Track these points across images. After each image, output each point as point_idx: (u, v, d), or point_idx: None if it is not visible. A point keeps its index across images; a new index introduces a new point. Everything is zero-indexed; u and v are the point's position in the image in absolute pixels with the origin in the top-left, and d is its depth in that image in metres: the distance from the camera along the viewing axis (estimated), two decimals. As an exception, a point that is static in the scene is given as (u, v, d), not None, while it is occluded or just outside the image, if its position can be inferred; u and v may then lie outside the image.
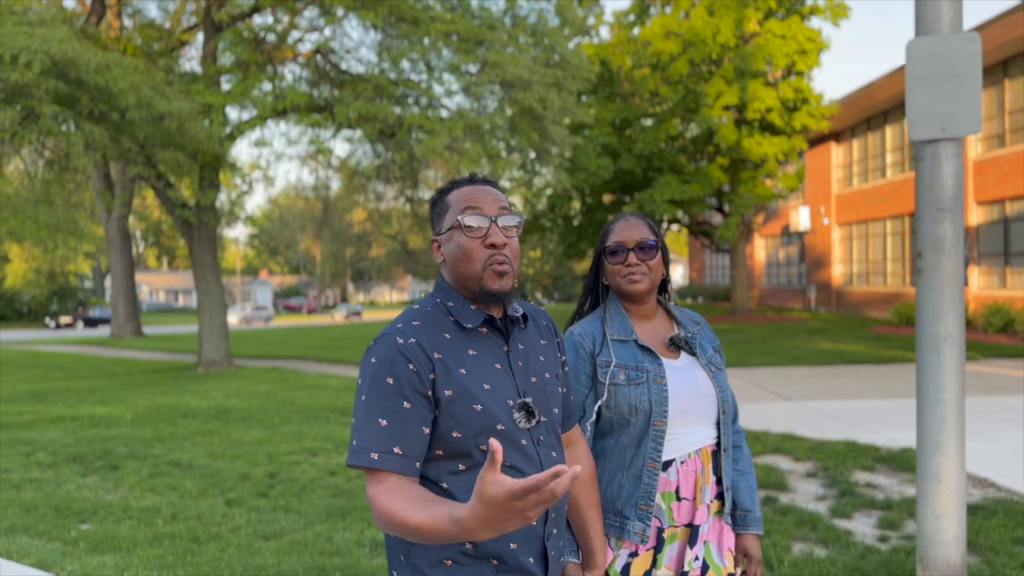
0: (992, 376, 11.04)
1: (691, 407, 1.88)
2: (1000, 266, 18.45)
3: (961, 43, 3.57)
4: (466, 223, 1.47)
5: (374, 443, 1.38)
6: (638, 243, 1.93)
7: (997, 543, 4.33)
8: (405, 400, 1.40)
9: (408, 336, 1.44)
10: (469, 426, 1.42)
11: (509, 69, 10.66)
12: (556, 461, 1.53)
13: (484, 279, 1.47)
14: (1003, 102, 18.43)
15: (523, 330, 1.59)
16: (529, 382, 1.53)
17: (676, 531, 1.88)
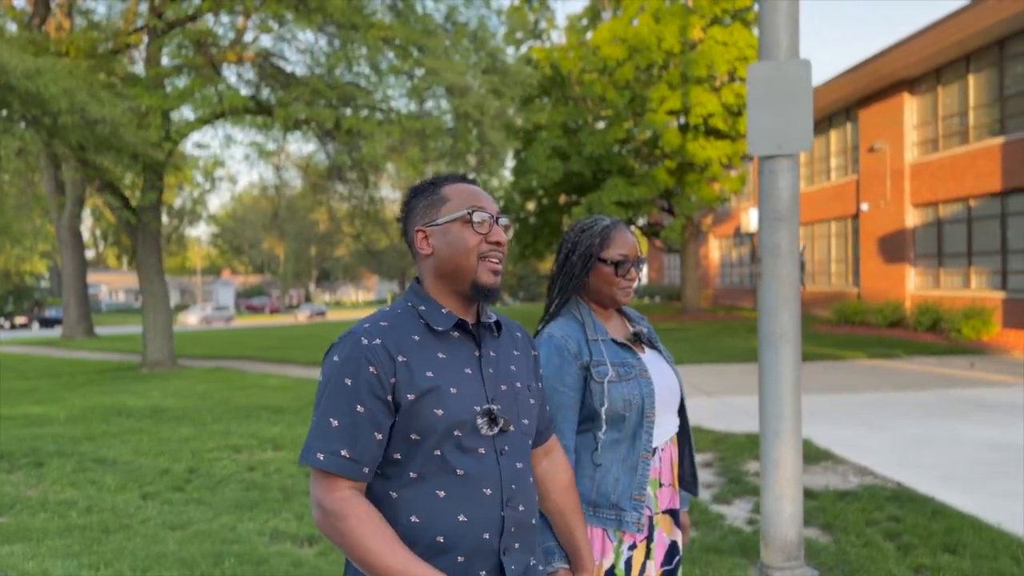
0: (908, 373, 11.56)
1: (665, 397, 1.97)
2: (934, 267, 19.13)
3: (795, 68, 3.92)
4: (476, 218, 1.49)
5: (322, 443, 1.38)
6: (637, 257, 2.00)
7: (851, 524, 4.71)
8: (359, 404, 1.39)
9: (373, 337, 1.44)
10: (428, 430, 1.42)
11: (446, 75, 10.95)
12: (520, 473, 1.51)
13: (479, 272, 1.49)
14: (936, 108, 19.10)
15: (496, 338, 1.59)
16: (499, 389, 1.52)
17: (660, 517, 1.96)
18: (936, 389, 9.93)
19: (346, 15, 10.52)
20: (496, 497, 1.45)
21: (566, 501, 1.72)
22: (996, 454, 6.51)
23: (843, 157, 23.66)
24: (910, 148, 19.98)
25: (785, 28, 3.99)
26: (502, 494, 1.46)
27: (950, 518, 4.76)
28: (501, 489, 1.46)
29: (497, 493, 1.45)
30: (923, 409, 8.61)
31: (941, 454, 6.58)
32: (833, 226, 24.35)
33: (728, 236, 33.30)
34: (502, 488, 1.46)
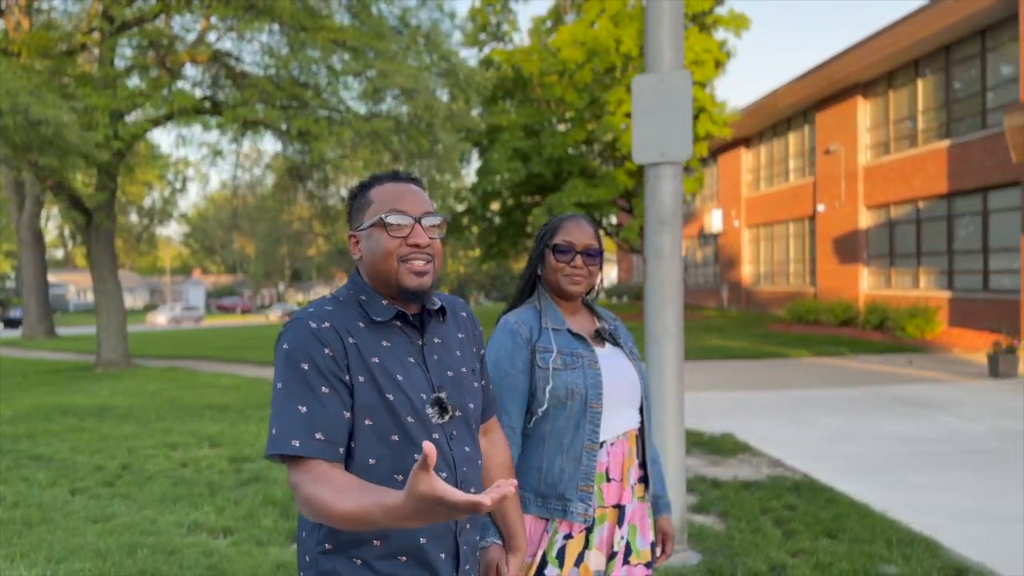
0: (847, 370, 11.90)
1: (619, 392, 1.97)
2: (886, 267, 19.58)
3: (676, 80, 4.16)
4: (389, 221, 1.46)
5: (295, 430, 1.35)
6: (586, 247, 2.00)
7: (747, 512, 4.95)
8: (323, 385, 1.38)
9: (322, 320, 1.43)
10: (380, 415, 1.41)
11: (395, 78, 11.10)
12: (469, 456, 1.53)
13: (401, 276, 1.46)
14: (888, 112, 19.55)
15: (441, 323, 1.58)
16: (445, 376, 1.52)
17: (606, 511, 1.95)
18: (869, 386, 10.26)
19: (295, 17, 10.65)
20: (450, 480, 1.45)
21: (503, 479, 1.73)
22: (906, 447, 6.81)
23: (801, 159, 24.10)
24: (863, 151, 20.43)
25: (668, 42, 4.22)
26: (456, 477, 1.47)
27: (841, 506, 5.01)
28: (455, 472, 1.47)
29: (451, 476, 1.46)
30: (851, 405, 8.91)
31: (855, 447, 6.86)
32: (791, 227, 24.79)
33: (692, 237, 33.71)
34: (456, 471, 1.47)
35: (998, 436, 7.12)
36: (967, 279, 16.61)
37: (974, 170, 16.02)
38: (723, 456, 6.64)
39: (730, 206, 28.90)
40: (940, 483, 5.61)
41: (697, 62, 19.52)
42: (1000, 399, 9.01)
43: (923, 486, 5.56)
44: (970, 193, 16.47)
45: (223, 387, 11.46)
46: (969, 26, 16.01)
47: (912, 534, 4.46)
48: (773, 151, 26.02)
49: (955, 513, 4.92)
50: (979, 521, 4.75)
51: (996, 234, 15.67)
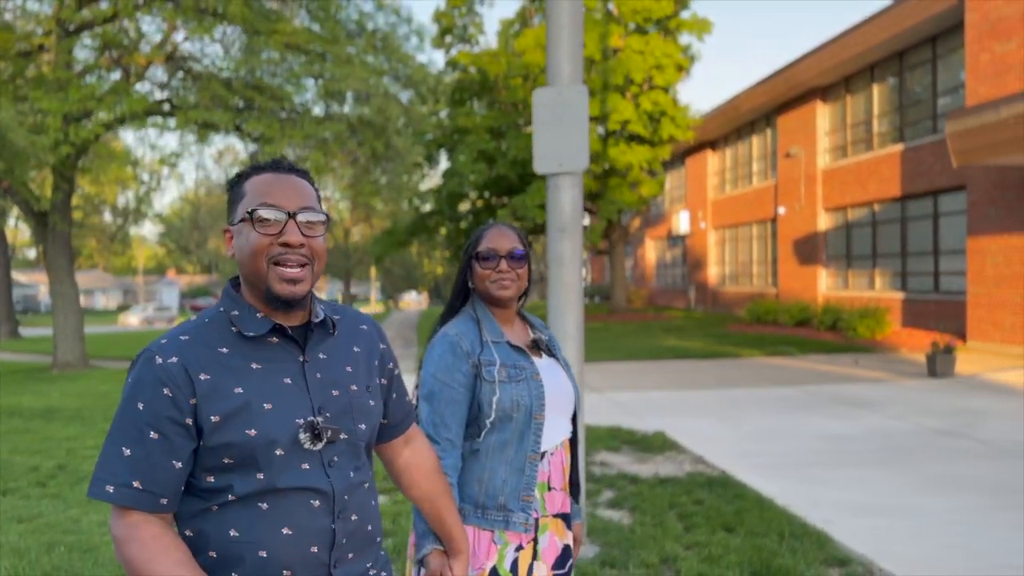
0: (792, 369, 12.17)
1: (557, 403, 2.01)
2: (844, 269, 19.95)
3: (574, 94, 4.34)
4: (259, 216, 1.33)
5: (112, 475, 1.27)
6: (509, 251, 2.01)
7: (656, 507, 5.13)
8: (152, 430, 1.28)
9: (169, 355, 1.31)
10: (240, 454, 1.30)
11: (348, 82, 11.23)
12: (353, 483, 1.42)
13: (270, 280, 1.33)
14: (845, 116, 19.92)
15: (328, 337, 1.45)
16: (328, 396, 1.39)
17: (548, 520, 1.98)
18: (808, 385, 10.52)
19: (248, 20, 10.74)
20: (326, 509, 1.36)
21: (432, 486, 1.68)
22: (827, 445, 7.04)
23: (763, 162, 24.46)
24: (822, 154, 20.80)
25: (567, 58, 4.40)
26: (333, 505, 1.37)
27: (746, 501, 5.21)
28: (333, 501, 1.37)
29: (327, 505, 1.37)
30: (785, 403, 9.15)
31: (778, 445, 7.09)
32: (754, 229, 25.15)
33: (662, 238, 34.05)
34: (334, 500, 1.37)
35: (917, 434, 7.38)
36: (919, 281, 16.99)
37: (925, 174, 16.39)
38: (650, 454, 6.83)
39: (697, 208, 29.25)
40: (848, 479, 5.84)
41: (658, 67, 19.80)
42: (930, 398, 9.29)
43: (831, 482, 5.78)
44: (922, 196, 16.85)
45: (176, 388, 11.51)
46: (920, 33, 16.38)
47: (806, 527, 4.67)
48: (737, 154, 26.39)
49: (853, 508, 5.14)
50: (874, 515, 4.97)
51: (946, 237, 16.05)
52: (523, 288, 2.06)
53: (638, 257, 38.32)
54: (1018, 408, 8.51)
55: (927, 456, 6.52)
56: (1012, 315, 13.31)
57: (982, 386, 10.05)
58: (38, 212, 12.69)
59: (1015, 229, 13.25)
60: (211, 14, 10.69)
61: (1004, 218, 13.50)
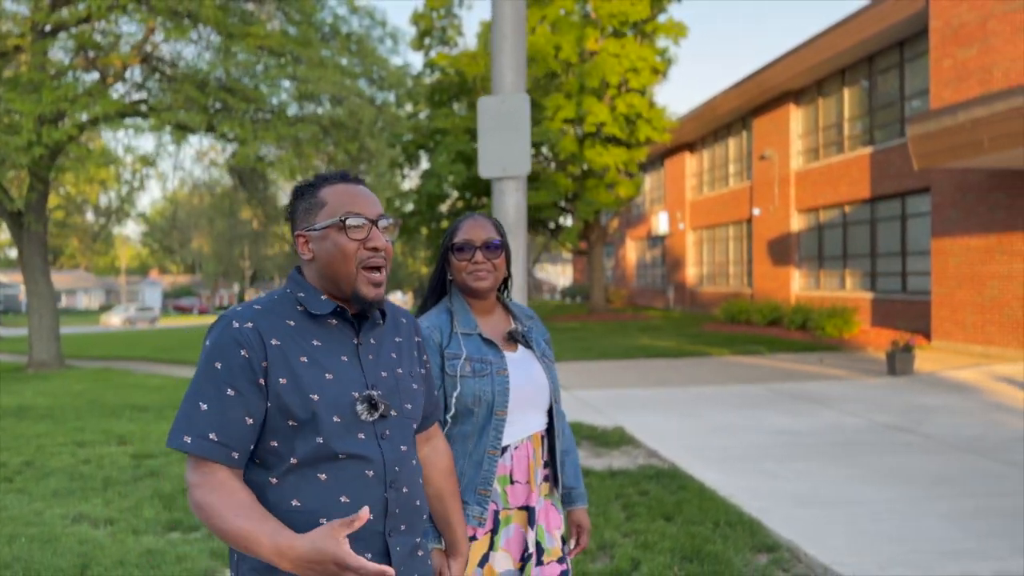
0: (757, 368, 12.42)
1: (527, 397, 1.99)
2: (816, 269, 20.27)
3: (517, 101, 4.53)
4: (350, 223, 1.46)
5: (189, 427, 1.37)
6: (485, 242, 2.00)
7: (603, 498, 5.33)
8: (230, 387, 1.38)
9: (245, 320, 1.42)
10: (304, 416, 1.40)
11: (320, 84, 11.39)
12: (404, 456, 1.51)
13: (359, 284, 1.47)
14: (817, 119, 20.24)
15: (379, 325, 1.58)
16: (379, 376, 1.51)
17: (511, 513, 1.97)
18: (772, 383, 10.76)
19: (221, 23, 10.87)
20: (379, 479, 1.45)
21: (445, 486, 1.75)
22: (780, 439, 7.26)
23: (739, 164, 24.77)
24: (795, 156, 21.11)
25: (510, 67, 4.59)
26: (385, 476, 1.46)
27: (689, 492, 5.42)
28: (385, 471, 1.46)
29: (380, 475, 1.45)
30: (746, 401, 9.38)
31: (732, 440, 7.30)
32: (731, 230, 25.45)
33: (642, 239, 34.33)
34: (385, 470, 1.46)
35: (868, 430, 7.62)
36: (887, 281, 17.31)
37: (893, 176, 16.71)
38: (608, 448, 7.03)
39: (676, 209, 29.54)
40: (793, 472, 6.06)
41: (634, 70, 20.04)
42: (886, 395, 9.55)
43: (776, 474, 6.00)
44: (890, 198, 17.16)
45: (150, 388, 11.63)
46: (888, 37, 16.69)
47: (741, 516, 4.87)
48: (715, 156, 26.69)
49: (792, 498, 5.36)
50: (811, 505, 5.19)
51: (913, 238, 16.37)
52: (500, 278, 2.07)
53: (619, 257, 38.60)
54: (967, 404, 8.78)
55: (873, 450, 6.76)
56: (973, 314, 13.63)
57: (938, 383, 10.33)
58: (12, 212, 12.76)
59: (975, 231, 13.57)
60: (185, 16, 10.80)
61: (964, 220, 13.82)
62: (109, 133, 17.31)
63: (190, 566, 4.20)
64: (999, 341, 13.06)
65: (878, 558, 4.21)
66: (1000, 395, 9.30)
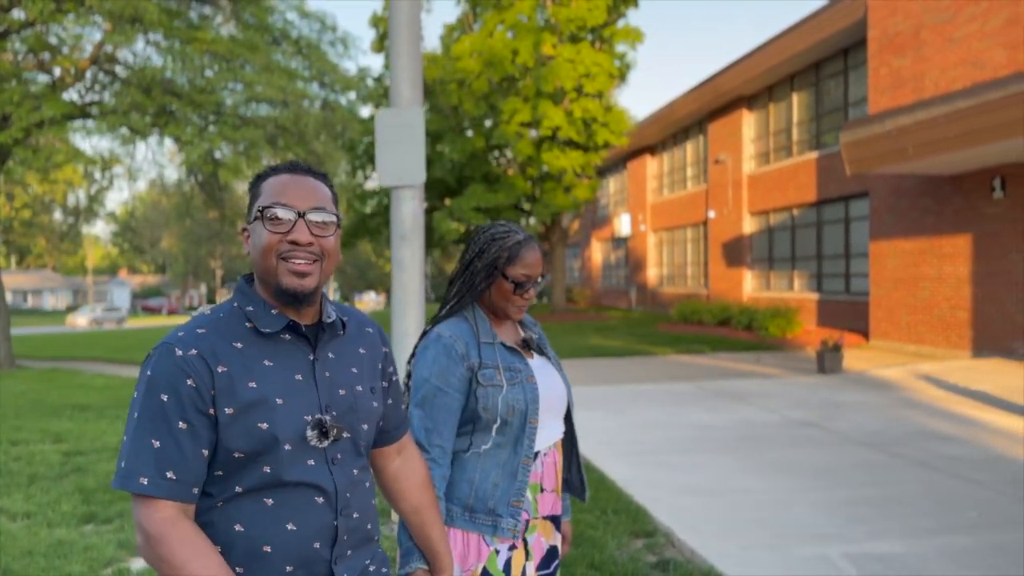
0: (694, 366, 12.78)
1: (551, 403, 1.97)
2: (766, 270, 20.75)
3: (412, 115, 4.81)
4: (270, 215, 1.38)
5: (144, 467, 1.29)
6: (539, 277, 1.98)
7: (506, 491, 5.62)
8: (181, 420, 1.30)
9: (189, 347, 1.34)
10: (252, 447, 1.33)
11: (265, 89, 11.59)
12: (356, 480, 1.46)
13: (279, 275, 1.38)
14: (768, 124, 20.72)
15: (339, 338, 1.50)
16: (336, 394, 1.44)
17: (538, 522, 1.96)
18: (704, 381, 11.12)
19: (166, 27, 11.02)
20: (329, 505, 1.41)
21: (421, 499, 1.69)
22: (693, 434, 7.60)
23: (697, 167, 25.24)
24: (748, 160, 21.59)
25: (407, 82, 4.87)
26: (336, 502, 1.41)
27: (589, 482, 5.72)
28: (336, 498, 1.41)
29: (330, 502, 1.41)
30: (675, 398, 9.73)
31: (649, 434, 7.63)
32: (688, 232, 25.91)
33: (607, 240, 34.75)
34: (336, 496, 1.42)
35: (778, 425, 7.98)
36: (832, 282, 17.80)
37: (837, 180, 17.19)
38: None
39: (637, 211, 29.97)
40: (693, 464, 6.39)
41: (588, 75, 20.40)
42: (807, 392, 9.94)
43: (677, 466, 6.32)
44: (834, 202, 17.66)
45: (95, 387, 11.75)
46: (833, 45, 17.17)
47: (630, 504, 5.19)
48: (674, 159, 27.14)
49: (684, 488, 5.68)
50: (699, 494, 5.52)
51: (855, 241, 16.86)
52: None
53: (585, 258, 39.00)
54: (880, 401, 9.19)
55: (777, 444, 7.11)
56: (907, 315, 14.12)
57: (861, 381, 10.75)
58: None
59: (908, 234, 14.06)
60: (129, 21, 10.95)
61: (899, 224, 14.30)
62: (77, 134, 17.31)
63: (96, 555, 4.42)
64: (930, 341, 13.55)
65: (742, 542, 4.53)
66: (915, 392, 9.72)
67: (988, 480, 5.77)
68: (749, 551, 4.38)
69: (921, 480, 5.83)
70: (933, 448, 6.81)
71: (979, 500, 5.28)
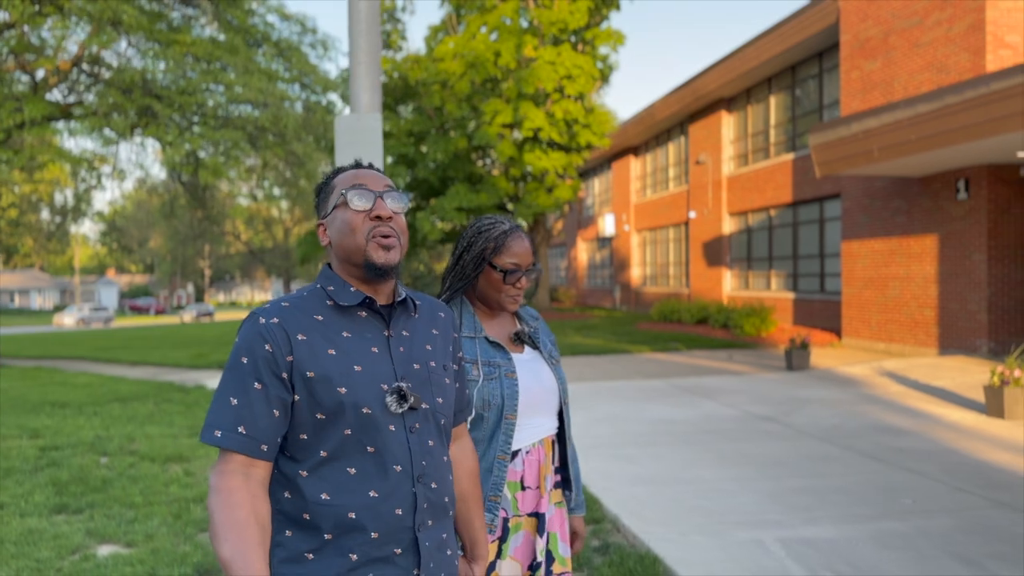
0: (666, 363, 13.02)
1: (537, 399, 1.94)
2: (745, 270, 21.04)
3: (370, 120, 5.01)
4: (351, 198, 1.48)
5: (220, 421, 1.40)
6: (529, 266, 1.98)
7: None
8: (256, 381, 1.40)
9: (271, 316, 1.45)
10: (332, 409, 1.41)
11: (244, 91, 11.77)
12: (431, 451, 1.51)
13: (368, 251, 1.47)
14: (747, 126, 21.01)
15: (411, 317, 1.59)
16: (410, 368, 1.51)
17: (521, 520, 1.93)
18: (675, 378, 11.36)
19: (145, 30, 11.19)
20: (407, 473, 1.46)
21: (469, 488, 1.74)
22: (654, 428, 7.83)
23: (678, 168, 25.52)
24: (727, 161, 21.87)
25: (365, 89, 5.08)
26: (412, 470, 1.47)
27: (546, 475, 5.95)
28: (412, 465, 1.47)
29: (408, 469, 1.46)
30: (640, 393, 9.96)
31: (612, 428, 7.85)
32: (671, 232, 26.19)
33: (592, 240, 35.01)
34: (412, 464, 1.47)
35: (738, 419, 8.22)
36: (808, 281, 18.09)
37: (813, 181, 17.47)
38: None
39: (621, 211, 30.24)
40: (649, 456, 6.62)
41: (569, 77, 20.65)
42: (772, 388, 10.19)
43: (633, 458, 6.55)
44: (810, 202, 17.95)
45: (76, 385, 11.91)
46: (808, 48, 17.46)
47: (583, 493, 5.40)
48: (657, 160, 27.42)
49: (637, 479, 5.91)
50: (649, 484, 5.74)
51: (830, 241, 17.15)
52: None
53: (571, 258, 39.25)
54: (841, 397, 9.45)
55: (733, 437, 7.35)
56: (877, 313, 14.41)
57: (826, 378, 11.02)
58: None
59: (879, 234, 14.35)
60: (109, 23, 11.11)
61: (870, 224, 14.59)
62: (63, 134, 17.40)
63: (64, 543, 4.60)
64: (899, 339, 13.84)
65: (683, 527, 4.76)
66: (876, 388, 9.99)
67: (930, 471, 6.02)
68: (688, 536, 4.61)
69: (866, 471, 6.07)
70: (883, 441, 7.06)
71: (917, 489, 5.53)
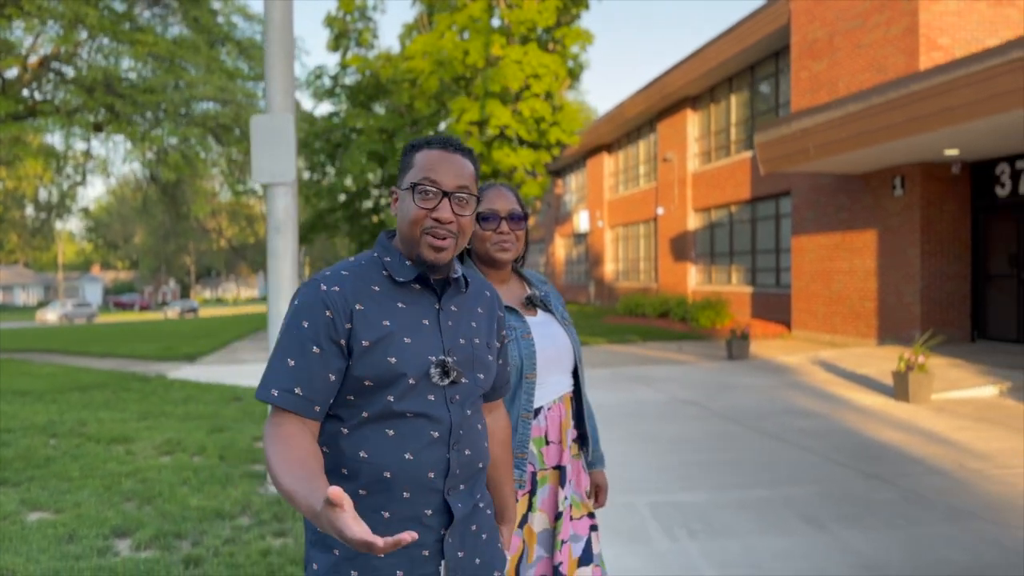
0: (619, 354, 13.47)
1: (553, 358, 2.01)
2: (708, 264, 21.53)
3: (283, 120, 5.42)
4: (420, 191, 1.50)
5: (277, 381, 1.44)
6: (510, 212, 2.01)
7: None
8: (315, 345, 1.45)
9: (332, 284, 1.49)
10: (380, 377, 1.46)
11: (204, 89, 12.13)
12: (469, 421, 1.57)
13: (420, 247, 1.51)
14: (710, 124, 21.48)
15: (461, 293, 1.63)
16: (456, 342, 1.56)
17: (547, 473, 2.01)
18: (622, 367, 11.81)
19: (107, 29, 11.51)
20: (443, 440, 1.50)
21: (501, 455, 1.79)
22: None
23: (648, 165, 25.99)
24: (692, 158, 22.35)
25: (279, 90, 5.49)
26: (449, 437, 1.51)
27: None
28: (449, 432, 1.51)
29: (444, 436, 1.51)
30: (589, 382, 10.38)
31: (541, 413, 8.28)
32: (641, 228, 26.67)
33: (568, 236, 35.47)
34: (450, 432, 1.52)
35: (664, 404, 8.67)
36: (764, 276, 18.59)
37: (769, 179, 17.94)
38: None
39: (596, 207, 30.70)
40: (565, 436, 7.05)
41: (535, 76, 21.06)
42: (707, 376, 10.65)
43: (550, 438, 6.98)
44: (766, 199, 18.43)
45: (40, 375, 12.25)
46: (765, 48, 17.93)
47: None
48: (628, 157, 27.89)
49: (546, 455, 6.34)
50: (556, 460, 6.17)
51: (785, 236, 17.65)
52: (521, 250, 2.07)
53: (549, 254, 39.69)
54: (767, 383, 9.92)
55: (652, 419, 7.80)
56: (823, 306, 14.91)
57: (761, 366, 11.49)
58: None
59: (825, 230, 14.84)
60: (71, 24, 11.42)
61: (817, 220, 15.09)
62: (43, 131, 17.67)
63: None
64: (843, 330, 14.34)
65: (569, 494, 5.19)
66: (804, 376, 10.47)
67: (821, 448, 6.48)
68: (571, 501, 5.04)
69: (763, 448, 6.53)
70: (790, 422, 7.52)
71: (801, 463, 5.98)
